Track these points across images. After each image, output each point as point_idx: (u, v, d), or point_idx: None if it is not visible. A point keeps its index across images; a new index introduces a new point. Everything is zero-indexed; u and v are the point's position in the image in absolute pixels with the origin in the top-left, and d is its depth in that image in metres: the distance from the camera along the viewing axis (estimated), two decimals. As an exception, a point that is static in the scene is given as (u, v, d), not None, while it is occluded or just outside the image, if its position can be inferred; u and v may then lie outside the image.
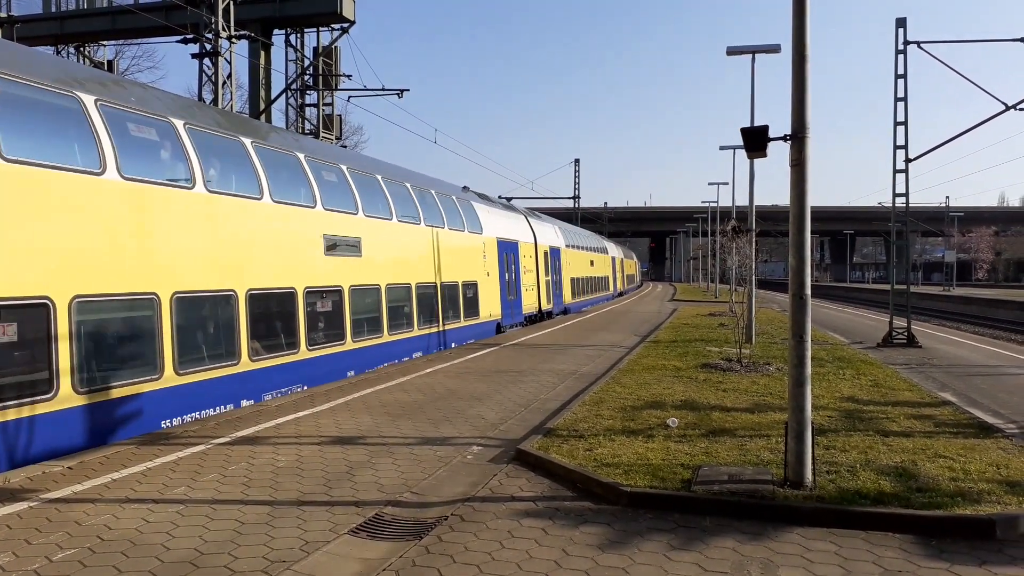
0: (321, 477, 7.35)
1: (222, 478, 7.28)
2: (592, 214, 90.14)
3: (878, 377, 13.43)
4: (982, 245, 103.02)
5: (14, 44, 10.19)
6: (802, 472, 6.69)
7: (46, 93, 8.93)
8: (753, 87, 20.62)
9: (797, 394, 6.83)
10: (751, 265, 20.87)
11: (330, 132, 29.40)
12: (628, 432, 8.86)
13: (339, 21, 27.28)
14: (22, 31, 26.22)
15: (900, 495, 6.43)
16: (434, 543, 5.70)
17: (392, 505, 6.54)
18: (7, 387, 7.92)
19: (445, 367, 15.07)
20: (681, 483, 6.80)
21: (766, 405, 10.64)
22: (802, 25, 6.84)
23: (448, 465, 7.80)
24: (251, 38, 26.80)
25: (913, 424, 9.42)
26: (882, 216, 78.36)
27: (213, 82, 22.78)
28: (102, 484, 7.04)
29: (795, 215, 6.91)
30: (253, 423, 9.74)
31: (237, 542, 5.66)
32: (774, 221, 66.94)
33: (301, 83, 29.01)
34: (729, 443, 8.32)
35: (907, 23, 19.45)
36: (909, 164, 19.84)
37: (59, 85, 9.14)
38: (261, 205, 12.18)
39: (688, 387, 12.24)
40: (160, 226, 10.09)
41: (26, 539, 5.67)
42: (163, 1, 25.95)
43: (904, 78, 19.63)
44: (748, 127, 7.12)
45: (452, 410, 10.66)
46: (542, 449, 8.06)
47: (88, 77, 10.14)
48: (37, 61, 9.46)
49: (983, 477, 7.00)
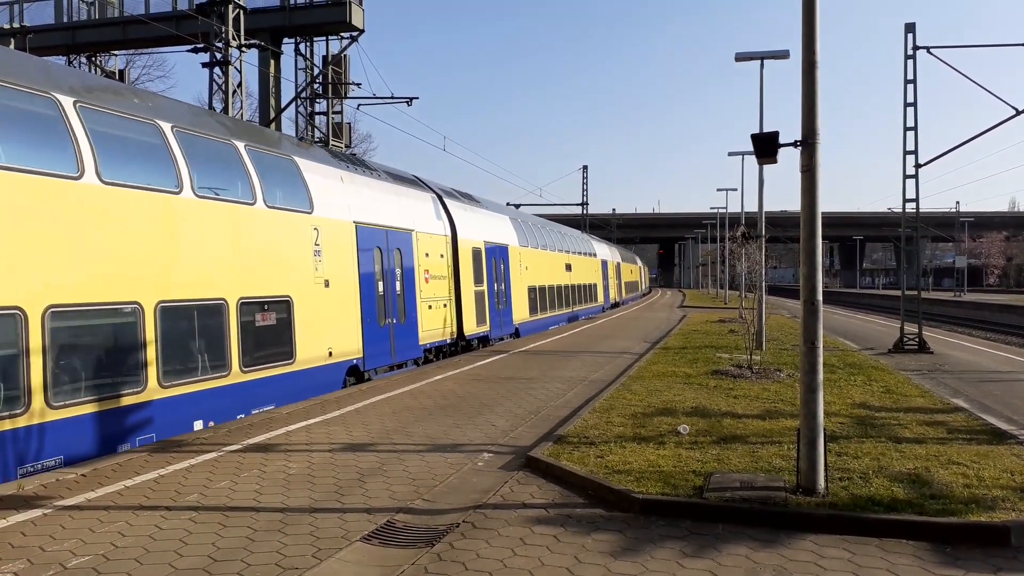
0: (332, 484, 7.36)
1: (234, 485, 7.30)
2: (601, 220, 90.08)
3: (890, 383, 13.36)
4: (993, 250, 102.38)
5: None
6: (815, 479, 6.67)
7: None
8: (762, 93, 20.60)
9: (809, 400, 6.81)
10: (761, 271, 20.84)
11: (339, 140, 29.52)
12: (639, 439, 8.85)
13: (348, 30, 27.36)
14: (34, 41, 26.43)
15: (914, 502, 6.40)
16: (446, 550, 5.70)
17: (403, 512, 6.55)
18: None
19: (455, 374, 15.08)
20: (693, 490, 6.78)
21: (777, 412, 10.61)
22: (811, 32, 6.85)
23: (459, 472, 7.80)
24: (261, 47, 26.95)
25: (926, 430, 9.37)
26: (892, 222, 78.06)
27: (223, 91, 22.91)
28: (115, 491, 7.08)
29: (806, 221, 6.91)
30: (265, 430, 9.77)
31: (250, 549, 5.68)
32: (783, 227, 66.86)
33: (311, 91, 29.14)
34: (741, 450, 8.29)
35: (916, 28, 19.43)
36: (919, 169, 19.78)
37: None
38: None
39: (699, 394, 12.21)
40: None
41: (40, 546, 5.70)
42: (174, 11, 26.17)
43: (914, 83, 19.58)
44: (759, 133, 7.12)
45: (462, 416, 10.67)
46: (553, 456, 8.06)
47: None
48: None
49: (997, 484, 6.95)
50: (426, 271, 18.12)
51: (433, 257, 18.73)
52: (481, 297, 21.79)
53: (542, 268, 30.29)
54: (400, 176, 19.19)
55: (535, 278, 28.84)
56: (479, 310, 21.56)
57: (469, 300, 20.84)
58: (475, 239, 21.88)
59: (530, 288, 27.87)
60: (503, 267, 24.24)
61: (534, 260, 28.94)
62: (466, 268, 20.84)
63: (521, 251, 27.01)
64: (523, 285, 26.88)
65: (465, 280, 20.68)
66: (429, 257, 18.42)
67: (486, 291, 22.22)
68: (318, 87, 29.27)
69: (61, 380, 8.49)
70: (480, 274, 21.90)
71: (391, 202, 17.13)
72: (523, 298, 26.79)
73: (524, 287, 26.98)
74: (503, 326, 23.77)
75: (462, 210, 21.83)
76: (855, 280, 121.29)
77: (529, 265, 27.98)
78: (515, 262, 25.91)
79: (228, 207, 11.41)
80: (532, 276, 28.37)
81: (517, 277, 26.06)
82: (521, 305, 26.34)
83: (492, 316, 22.60)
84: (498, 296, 23.30)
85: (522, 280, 26.78)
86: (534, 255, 29.09)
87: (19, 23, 26.92)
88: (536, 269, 29.06)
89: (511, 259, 25.29)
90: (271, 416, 10.75)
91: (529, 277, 27.92)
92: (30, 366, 8.06)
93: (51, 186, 8.62)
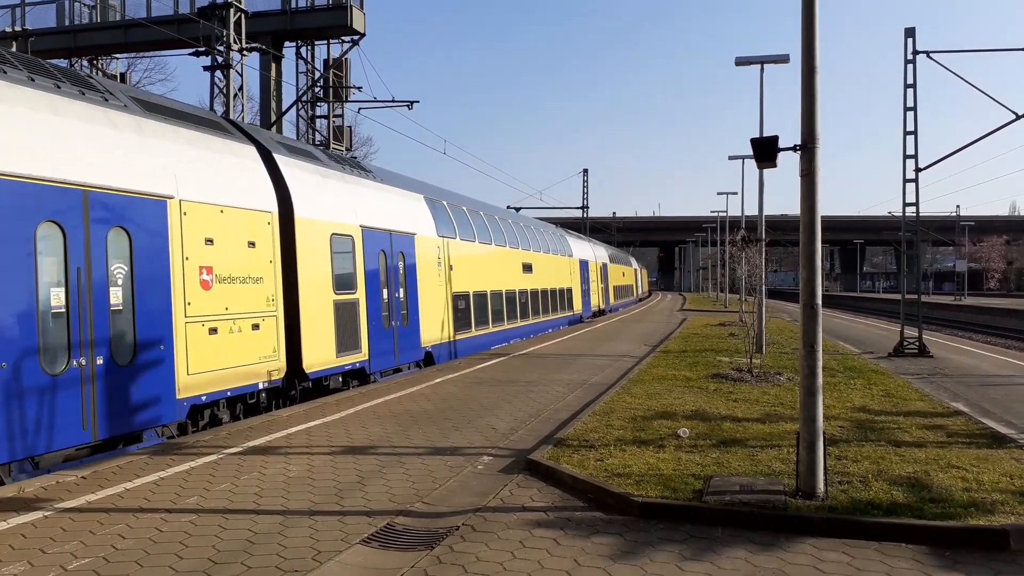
0: (332, 487, 7.37)
1: (234, 488, 7.31)
2: (601, 224, 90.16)
3: (889, 387, 13.37)
4: (993, 254, 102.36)
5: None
6: (814, 483, 6.68)
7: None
8: (762, 97, 20.65)
9: (809, 404, 6.82)
10: (761, 275, 20.86)
11: (340, 143, 29.58)
12: (639, 442, 8.86)
13: (349, 33, 27.46)
14: (36, 44, 26.51)
15: (913, 506, 6.40)
16: (445, 553, 5.71)
17: (403, 515, 6.56)
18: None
19: (454, 377, 15.09)
20: (693, 493, 6.79)
21: (777, 415, 10.62)
22: (811, 38, 6.88)
23: (459, 475, 7.81)
24: (262, 50, 27.04)
25: (925, 434, 9.38)
26: (892, 226, 78.03)
27: (225, 94, 22.97)
28: (115, 494, 7.09)
29: (805, 225, 6.93)
30: (264, 433, 9.78)
31: (250, 552, 5.69)
32: (783, 231, 66.75)
33: (312, 95, 29.22)
34: (740, 453, 8.30)
35: (916, 33, 19.47)
36: (919, 173, 19.80)
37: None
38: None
39: (699, 397, 12.22)
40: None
41: (41, 548, 5.71)
42: (175, 15, 26.26)
43: (914, 88, 19.61)
44: (758, 138, 7.15)
45: (462, 420, 10.68)
46: (553, 459, 8.07)
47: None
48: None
49: (996, 487, 6.96)
50: (202, 268, 10.90)
51: (226, 243, 11.42)
52: (349, 309, 14.64)
53: (482, 268, 23.46)
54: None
55: (469, 282, 21.96)
56: (343, 329, 14.33)
57: (318, 314, 13.59)
58: (338, 221, 14.65)
59: (457, 295, 20.81)
60: (402, 265, 17.32)
61: (467, 257, 22.06)
62: (313, 264, 13.65)
63: (441, 243, 19.98)
64: (444, 291, 19.82)
65: (310, 282, 13.46)
66: (214, 244, 11.15)
67: (362, 300, 15.12)
68: (319, 91, 29.36)
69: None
70: (351, 275, 14.90)
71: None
72: (442, 309, 19.65)
73: (445, 294, 19.94)
74: (400, 351, 16.81)
75: (309, 174, 14.33)
76: (855, 284, 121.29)
77: (458, 264, 21.12)
78: (429, 259, 18.97)
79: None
80: (463, 279, 21.47)
81: (433, 280, 19.11)
82: (437, 319, 19.22)
83: (374, 338, 15.47)
84: (389, 307, 16.33)
85: (442, 284, 19.79)
86: (467, 250, 22.16)
87: (21, 26, 26.98)
88: (471, 269, 22.32)
89: (421, 255, 18.38)
90: (271, 420, 10.76)
91: (458, 280, 21.02)
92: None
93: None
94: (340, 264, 14.43)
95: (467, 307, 21.57)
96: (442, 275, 19.77)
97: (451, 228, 20.97)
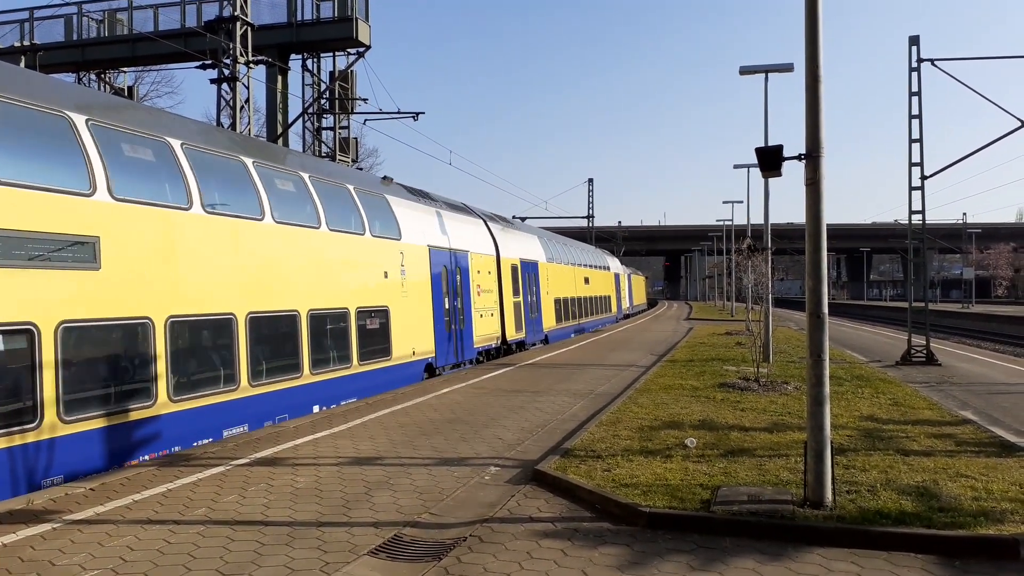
0: (340, 498, 7.38)
1: (242, 499, 7.33)
2: (606, 233, 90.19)
3: (897, 396, 13.32)
4: (1001, 262, 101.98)
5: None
6: (822, 492, 6.66)
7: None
8: (767, 106, 20.67)
9: (816, 413, 6.81)
10: (767, 283, 20.82)
11: (346, 155, 29.69)
12: (646, 452, 8.84)
13: (355, 46, 27.60)
14: (44, 59, 26.71)
15: (922, 515, 6.38)
16: (453, 564, 5.71)
17: (411, 526, 6.56)
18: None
19: (461, 387, 15.09)
20: (700, 504, 6.78)
21: (785, 425, 10.59)
22: (815, 47, 6.90)
23: (466, 485, 7.81)
24: (268, 63, 27.14)
25: (934, 443, 9.34)
26: (899, 233, 77.87)
27: (231, 107, 23.10)
28: (124, 505, 7.11)
29: (811, 234, 6.93)
30: (272, 444, 9.80)
31: (258, 563, 5.69)
32: (789, 239, 66.70)
33: (318, 107, 29.35)
34: (748, 463, 8.28)
35: (920, 41, 19.49)
36: (925, 181, 19.79)
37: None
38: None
39: (705, 407, 12.20)
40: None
41: (50, 560, 5.73)
42: (182, 28, 26.41)
43: (918, 96, 19.62)
44: (763, 147, 7.15)
45: (469, 430, 10.68)
46: (560, 470, 8.06)
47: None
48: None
49: (1006, 496, 6.93)
50: (478, 285, 21.41)
51: (483, 273, 22.04)
52: (518, 307, 24.95)
53: (565, 281, 33.26)
54: (454, 204, 22.56)
55: (560, 290, 31.80)
56: (517, 318, 24.71)
57: (510, 310, 24.02)
58: (513, 257, 25.10)
59: (556, 300, 30.72)
60: (534, 281, 27.30)
61: (559, 274, 31.90)
62: (507, 282, 24.07)
63: (548, 266, 29.97)
64: (550, 297, 29.77)
65: (507, 292, 23.94)
66: (480, 273, 21.74)
67: (522, 302, 25.40)
68: (325, 103, 29.49)
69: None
70: (517, 287, 25.12)
71: (452, 228, 20.46)
72: (551, 308, 29.65)
73: (551, 299, 29.96)
74: (535, 333, 26.87)
75: (502, 232, 25.23)
76: (862, 292, 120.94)
77: (555, 279, 30.92)
78: (543, 276, 28.88)
79: (348, 237, 14.80)
80: (557, 289, 31.27)
81: (545, 290, 28.98)
82: (549, 314, 29.21)
83: (527, 324, 25.72)
84: (531, 307, 26.44)
85: (549, 292, 29.61)
86: (558, 270, 32.05)
87: (29, 41, 27.21)
88: (560, 282, 32.06)
89: (540, 274, 28.37)
90: (278, 430, 10.78)
91: (555, 290, 30.80)
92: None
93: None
94: (514, 281, 24.78)
95: (560, 308, 31.67)
96: (550, 287, 30.02)
97: (550, 255, 31.17)
